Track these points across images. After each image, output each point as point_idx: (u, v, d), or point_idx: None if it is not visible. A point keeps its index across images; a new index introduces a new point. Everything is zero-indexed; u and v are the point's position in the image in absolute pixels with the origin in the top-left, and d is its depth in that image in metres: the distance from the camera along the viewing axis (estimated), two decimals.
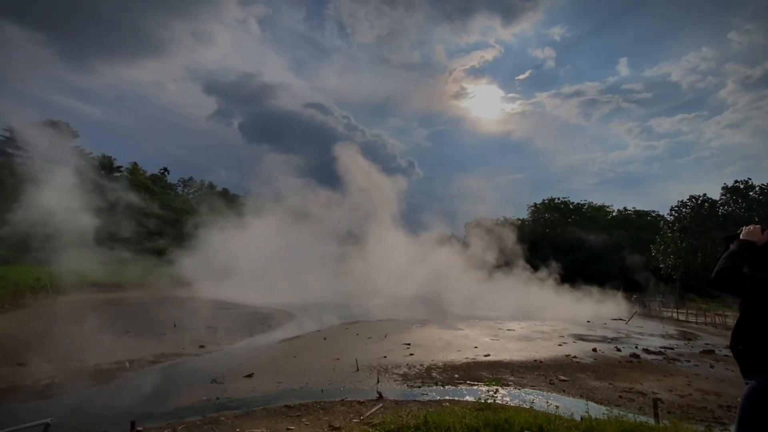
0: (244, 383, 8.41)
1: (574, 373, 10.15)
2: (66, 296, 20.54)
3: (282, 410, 6.56)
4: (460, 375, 9.64)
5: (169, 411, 6.81)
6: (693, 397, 8.45)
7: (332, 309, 20.97)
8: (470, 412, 4.54)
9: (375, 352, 11.86)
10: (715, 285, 1.96)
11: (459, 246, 36.17)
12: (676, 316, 25.68)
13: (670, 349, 14.04)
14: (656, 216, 51.78)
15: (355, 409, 6.62)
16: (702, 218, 39.09)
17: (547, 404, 5.98)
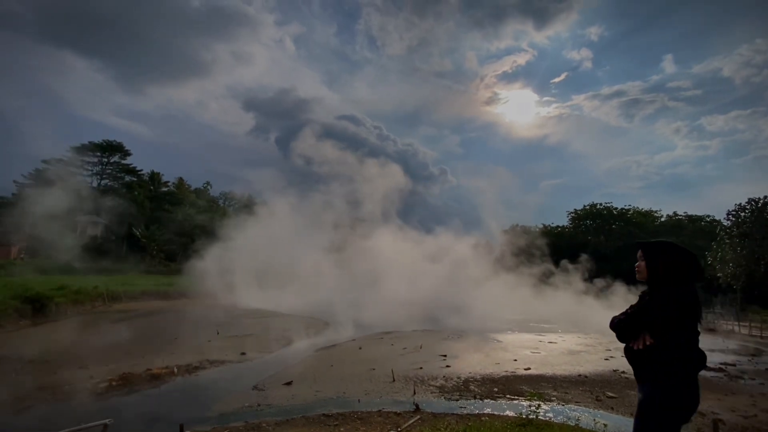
0: (284, 391, 8.62)
1: (623, 389, 9.57)
2: (120, 304, 22.00)
3: (320, 419, 6.66)
4: (499, 388, 9.37)
5: (213, 416, 7.11)
6: (758, 418, 7.73)
7: (358, 316, 21.06)
8: (511, 427, 4.41)
9: (411, 362, 11.77)
10: None
11: (494, 253, 35.28)
12: (738, 329, 23.61)
13: (731, 366, 12.93)
14: (711, 221, 48.24)
15: (393, 420, 6.61)
16: (764, 222, 35.91)
17: (594, 422, 5.69)
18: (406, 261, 29.68)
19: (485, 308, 24.27)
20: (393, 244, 31.06)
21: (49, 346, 11.79)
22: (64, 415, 7.09)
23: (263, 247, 27.11)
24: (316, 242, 29.92)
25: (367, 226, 32.15)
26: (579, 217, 53.00)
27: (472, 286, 28.40)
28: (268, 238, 27.74)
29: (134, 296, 23.68)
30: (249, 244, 26.92)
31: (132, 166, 53.54)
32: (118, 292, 22.94)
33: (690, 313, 2.12)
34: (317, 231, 30.80)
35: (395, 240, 31.81)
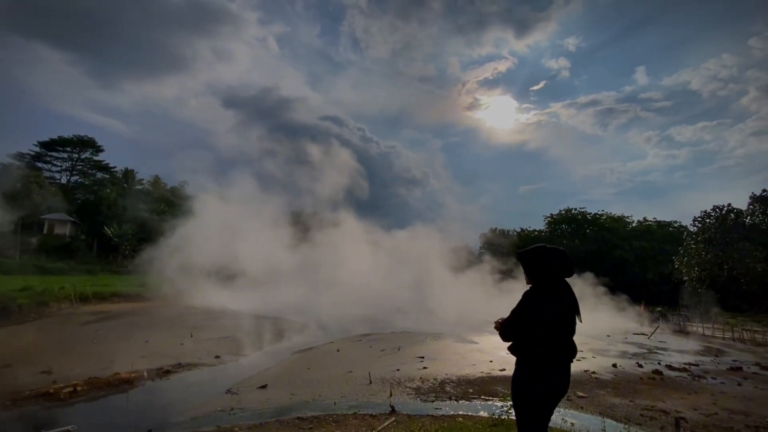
0: (258, 394, 8.48)
1: (593, 389, 9.87)
2: (89, 305, 21.14)
3: (295, 422, 6.58)
4: (474, 389, 9.49)
5: (185, 420, 6.92)
6: (719, 416, 8.11)
7: (336, 317, 20.97)
8: (483, 427, 4.48)
9: (388, 364, 11.79)
10: None
11: (473, 256, 35.78)
12: (702, 331, 24.71)
13: (695, 366, 13.52)
14: (679, 227, 50.37)
15: (368, 422, 6.60)
16: (727, 229, 37.84)
17: (563, 420, 5.85)
18: (379, 261, 29.73)
19: (462, 310, 24.55)
20: (365, 245, 31.08)
21: (9, 350, 11.22)
22: (25, 421, 6.77)
23: (234, 247, 26.53)
24: (288, 242, 29.55)
25: (334, 224, 31.88)
26: (555, 221, 54.42)
27: (449, 288, 28.68)
28: (237, 238, 27.18)
29: (104, 297, 22.76)
30: (220, 245, 26.31)
31: (104, 162, 51.73)
32: (87, 294, 22.05)
33: (557, 309, 2.35)
34: (288, 230, 30.45)
35: (367, 241, 31.79)
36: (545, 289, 2.46)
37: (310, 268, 28.39)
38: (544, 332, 2.40)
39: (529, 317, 2.46)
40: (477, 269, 32.98)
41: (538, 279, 2.53)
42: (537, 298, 2.46)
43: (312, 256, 29.29)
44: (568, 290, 2.50)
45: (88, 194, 47.59)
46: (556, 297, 2.45)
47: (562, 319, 2.44)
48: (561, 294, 2.47)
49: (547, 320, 2.41)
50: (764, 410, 8.63)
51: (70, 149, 49.41)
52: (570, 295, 2.50)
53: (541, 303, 2.43)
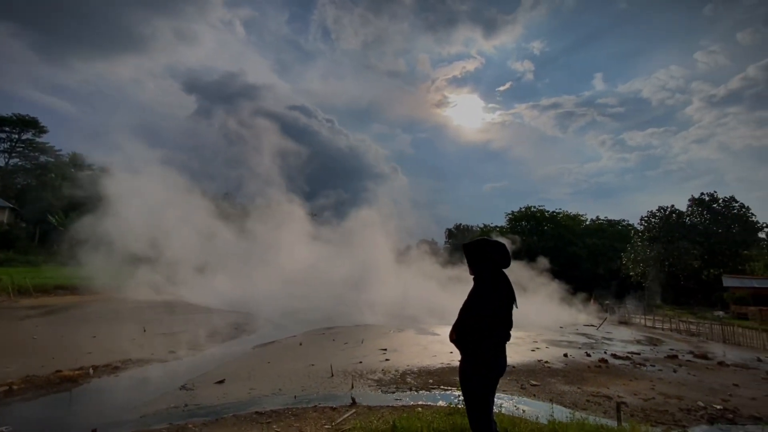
0: (215, 390, 8.23)
1: (545, 377, 10.39)
2: (29, 299, 19.60)
3: (252, 417, 6.45)
4: (434, 380, 9.71)
5: (133, 419, 6.59)
6: (656, 400, 8.78)
7: (299, 311, 20.75)
8: (440, 416, 4.59)
9: (351, 357, 11.81)
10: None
11: (438, 250, 36.43)
12: (644, 322, 26.62)
13: (636, 354, 14.55)
14: (627, 225, 53.71)
15: (328, 415, 6.58)
16: (670, 228, 40.84)
17: (515, 407, 6.12)
18: (328, 254, 29.67)
19: (428, 303, 24.99)
20: (314, 237, 30.87)
21: None
22: None
23: (189, 239, 25.47)
24: (240, 234, 28.80)
25: (284, 213, 31.37)
26: (515, 218, 56.45)
27: (413, 281, 29.09)
28: (184, 227, 26.12)
29: (47, 290, 21.20)
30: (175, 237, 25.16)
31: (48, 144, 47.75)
32: (27, 286, 20.41)
33: (499, 301, 2.49)
34: (246, 219, 29.65)
35: (317, 233, 31.58)
36: (487, 281, 2.56)
37: (266, 261, 27.74)
38: (488, 324, 2.51)
39: (474, 311, 2.54)
40: (437, 262, 33.61)
41: (480, 271, 2.62)
42: (481, 291, 2.55)
43: (267, 248, 28.64)
44: (506, 281, 2.62)
45: (30, 179, 43.85)
46: (498, 288, 2.56)
47: (503, 310, 2.55)
48: (501, 285, 2.58)
49: (491, 313, 2.51)
50: (696, 394, 9.45)
51: (8, 129, 45.17)
52: (508, 285, 2.61)
53: (485, 296, 2.53)
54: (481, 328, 2.54)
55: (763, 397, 9.41)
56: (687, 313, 30.40)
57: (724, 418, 7.84)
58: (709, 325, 21.65)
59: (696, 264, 38.22)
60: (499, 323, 2.59)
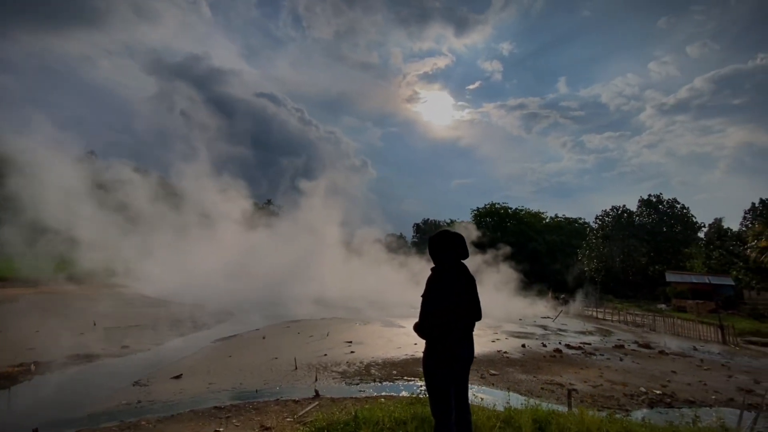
0: (171, 385, 7.91)
1: (504, 367, 10.81)
2: None
3: (211, 412, 6.27)
4: (398, 371, 9.85)
5: (80, 417, 6.21)
6: (603, 387, 9.37)
7: (262, 304, 20.38)
8: (402, 406, 4.67)
9: (316, 350, 11.74)
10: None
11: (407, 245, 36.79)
12: (596, 314, 28.26)
13: (587, 345, 15.44)
14: (583, 223, 56.58)
15: (290, 408, 6.52)
16: (621, 226, 43.46)
17: (474, 396, 6.32)
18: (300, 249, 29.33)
19: (395, 297, 25.26)
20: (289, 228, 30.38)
21: None
22: None
23: (131, 228, 24.24)
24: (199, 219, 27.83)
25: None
26: (480, 214, 58.02)
27: (386, 276, 29.31)
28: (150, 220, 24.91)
29: None
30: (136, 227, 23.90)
31: None
32: None
33: (458, 289, 2.58)
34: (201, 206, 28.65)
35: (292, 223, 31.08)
36: (447, 270, 2.61)
37: (213, 250, 26.90)
38: (448, 312, 2.55)
39: (433, 301, 2.57)
40: (407, 256, 34.03)
41: (440, 261, 2.66)
42: (439, 279, 2.59)
43: (211, 237, 27.78)
44: (466, 271, 2.68)
45: None
46: (460, 277, 2.61)
47: (464, 300, 2.60)
48: (461, 274, 2.63)
49: (451, 302, 2.55)
50: (639, 381, 10.16)
51: None
52: (468, 275, 2.67)
53: (445, 284, 2.57)
54: (441, 317, 2.58)
55: (697, 383, 10.28)
56: (634, 306, 32.56)
57: (662, 402, 8.50)
58: (653, 317, 23.33)
59: (643, 260, 40.98)
60: (461, 313, 2.64)
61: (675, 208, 43.85)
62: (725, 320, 19.90)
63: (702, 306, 27.71)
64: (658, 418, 6.80)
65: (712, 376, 11.08)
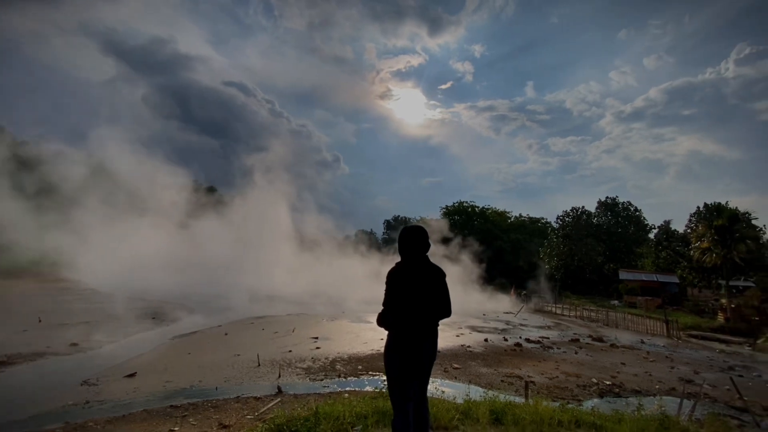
0: (124, 384, 7.53)
1: (467, 361, 11.09)
2: None
3: (166, 411, 6.02)
4: (363, 366, 9.87)
5: (22, 419, 5.80)
6: (559, 379, 9.83)
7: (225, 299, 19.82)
8: (365, 400, 4.68)
9: (280, 346, 11.55)
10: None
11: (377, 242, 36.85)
12: (555, 310, 29.57)
13: (546, 339, 16.12)
14: (545, 223, 58.89)
15: (251, 405, 6.38)
16: (580, 227, 45.56)
17: (435, 389, 6.45)
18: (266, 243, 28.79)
19: (363, 294, 25.25)
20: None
21: None
22: None
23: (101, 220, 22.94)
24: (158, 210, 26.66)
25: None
26: (449, 212, 59.05)
27: (350, 271, 29.23)
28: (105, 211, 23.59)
29: None
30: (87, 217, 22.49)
31: None
32: None
33: (413, 281, 2.62)
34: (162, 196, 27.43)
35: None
36: (409, 264, 2.62)
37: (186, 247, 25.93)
38: (409, 305, 2.57)
39: (395, 292, 2.58)
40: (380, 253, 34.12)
41: (404, 255, 2.68)
42: (400, 273, 2.60)
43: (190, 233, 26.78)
44: (432, 266, 2.70)
45: None
46: (423, 272, 2.63)
47: (426, 293, 2.62)
48: (425, 269, 2.65)
49: (413, 294, 2.57)
50: (591, 372, 10.74)
51: None
52: (434, 270, 2.70)
53: (406, 277, 2.58)
54: (402, 310, 2.60)
55: (643, 374, 11.00)
56: (590, 302, 34.32)
57: (611, 392, 9.04)
58: (606, 313, 24.70)
59: (599, 259, 43.22)
60: (423, 307, 2.64)
61: (629, 210, 46.56)
62: (670, 316, 21.40)
63: (650, 302, 29.64)
64: (607, 406, 7.22)
65: (657, 367, 11.89)
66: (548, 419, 3.91)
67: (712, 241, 27.05)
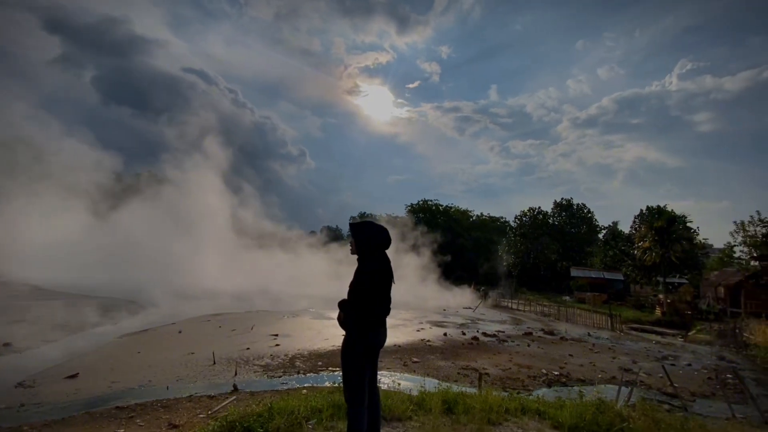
0: (64, 386, 7.06)
1: (426, 355, 11.35)
2: None
3: (111, 412, 5.72)
4: (324, 362, 9.84)
5: None
6: (511, 370, 10.30)
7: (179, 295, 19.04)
8: (322, 395, 4.69)
9: (238, 344, 11.26)
10: None
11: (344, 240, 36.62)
12: (512, 305, 30.84)
13: (502, 332, 16.81)
14: (504, 222, 61.08)
15: (204, 404, 6.20)
16: (537, 226, 47.72)
17: (393, 381, 6.58)
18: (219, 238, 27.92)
19: (325, 290, 25.07)
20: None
21: None
22: None
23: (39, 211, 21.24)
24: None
25: None
26: (414, 210, 59.80)
27: (322, 271, 28.93)
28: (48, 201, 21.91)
29: None
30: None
31: None
32: None
33: (382, 277, 2.75)
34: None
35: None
36: (374, 260, 2.70)
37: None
38: (373, 298, 2.63)
39: (364, 290, 2.65)
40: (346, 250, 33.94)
41: (367, 250, 2.74)
42: (368, 269, 2.66)
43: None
44: (387, 259, 2.79)
45: None
46: (383, 266, 2.71)
47: (385, 286, 2.71)
48: (384, 263, 2.74)
49: (376, 288, 2.65)
50: (541, 363, 11.33)
51: None
52: (389, 263, 2.80)
53: (373, 273, 2.65)
54: (369, 304, 2.66)
55: (588, 364, 11.75)
56: (543, 297, 36.06)
57: (559, 382, 9.60)
58: (557, 308, 26.10)
59: (553, 257, 45.50)
60: (382, 297, 2.74)
61: (583, 211, 49.32)
62: (614, 310, 22.96)
63: (597, 298, 31.62)
64: (554, 395, 7.65)
65: (601, 358, 12.75)
66: (497, 407, 4.11)
67: (653, 241, 29.30)
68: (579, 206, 49.68)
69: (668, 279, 31.60)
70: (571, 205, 49.64)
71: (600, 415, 4.09)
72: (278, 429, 3.38)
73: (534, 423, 3.99)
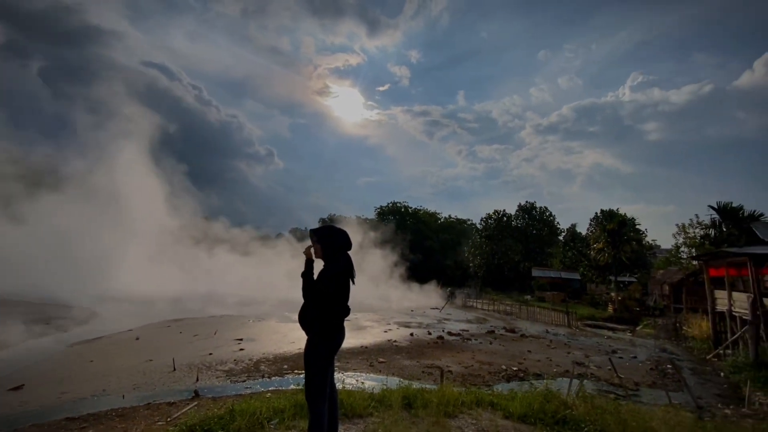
0: (8, 398, 6.65)
1: (392, 355, 11.54)
2: None
3: (60, 424, 5.47)
4: (289, 365, 9.79)
5: None
6: (474, 367, 10.68)
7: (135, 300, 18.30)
8: (286, 397, 4.73)
9: (200, 349, 10.97)
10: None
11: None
12: (476, 305, 31.72)
13: (465, 331, 17.31)
14: (471, 224, 62.69)
15: (163, 411, 6.04)
16: (501, 228, 49.36)
17: (356, 382, 6.69)
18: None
19: (291, 294, 24.73)
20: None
21: None
22: None
23: None
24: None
25: None
26: (383, 212, 60.19)
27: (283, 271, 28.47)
28: None
29: None
30: None
31: None
32: None
33: (346, 278, 2.92)
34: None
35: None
36: (339, 261, 2.81)
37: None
38: (338, 300, 2.74)
39: (330, 290, 2.74)
40: None
41: (334, 252, 2.85)
42: (333, 271, 2.78)
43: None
44: (350, 261, 2.92)
45: None
46: (347, 268, 2.84)
47: (348, 289, 2.84)
48: (348, 265, 2.87)
49: (341, 290, 2.76)
50: (502, 360, 11.81)
51: None
52: (351, 264, 2.93)
53: (338, 275, 2.76)
54: (334, 306, 2.77)
55: (545, 359, 12.37)
56: (507, 297, 37.34)
57: (517, 377, 10.07)
58: (519, 307, 27.15)
59: (517, 258, 47.22)
60: (345, 298, 2.86)
61: (545, 214, 51.51)
62: (571, 308, 24.21)
63: (556, 296, 33.16)
64: (510, 389, 8.06)
65: (557, 353, 13.44)
66: (453, 401, 4.34)
67: (606, 242, 31.13)
68: (541, 209, 51.86)
69: (620, 278, 33.64)
70: (534, 208, 51.73)
71: (546, 404, 4.42)
72: (239, 430, 3.42)
73: (487, 414, 4.25)
